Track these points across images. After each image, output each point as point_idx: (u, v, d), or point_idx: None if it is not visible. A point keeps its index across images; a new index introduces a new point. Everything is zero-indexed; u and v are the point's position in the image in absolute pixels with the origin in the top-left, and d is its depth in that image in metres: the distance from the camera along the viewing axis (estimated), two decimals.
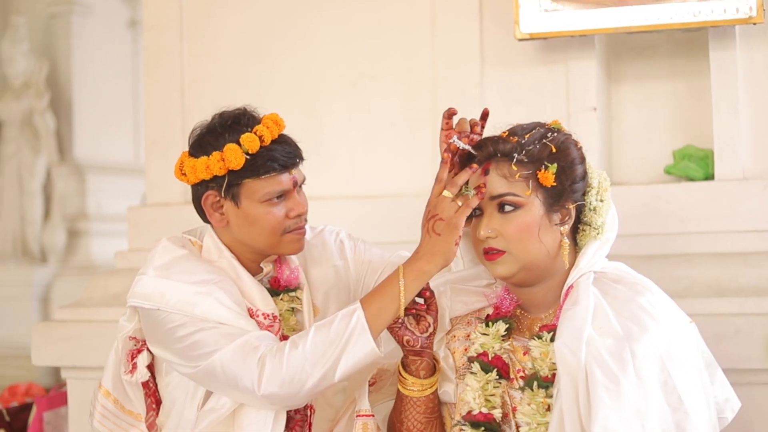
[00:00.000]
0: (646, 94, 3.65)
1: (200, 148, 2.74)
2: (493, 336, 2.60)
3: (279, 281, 2.86)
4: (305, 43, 3.98)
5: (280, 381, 2.55)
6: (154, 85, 4.15)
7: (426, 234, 2.53)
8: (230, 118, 2.75)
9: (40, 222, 9.88)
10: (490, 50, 3.73)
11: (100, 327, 3.81)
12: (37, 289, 9.52)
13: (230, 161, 2.68)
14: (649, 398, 2.34)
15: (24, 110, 9.76)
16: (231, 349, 2.59)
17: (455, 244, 2.52)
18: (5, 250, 9.83)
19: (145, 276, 2.74)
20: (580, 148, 2.60)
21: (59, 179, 9.86)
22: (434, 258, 2.53)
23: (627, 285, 2.53)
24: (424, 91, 3.81)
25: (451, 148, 2.57)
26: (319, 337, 2.55)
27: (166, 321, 2.67)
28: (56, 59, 10.03)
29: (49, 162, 9.84)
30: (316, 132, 3.93)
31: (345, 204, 3.85)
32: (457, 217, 2.51)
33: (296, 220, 2.76)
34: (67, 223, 9.89)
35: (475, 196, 2.51)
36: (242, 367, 2.57)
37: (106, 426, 2.90)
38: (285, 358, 2.55)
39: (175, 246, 2.79)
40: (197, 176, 2.73)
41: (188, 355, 2.65)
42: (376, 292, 2.57)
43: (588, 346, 2.38)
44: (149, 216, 4.06)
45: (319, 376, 2.54)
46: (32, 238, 9.81)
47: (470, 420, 2.55)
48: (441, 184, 2.54)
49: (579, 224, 2.59)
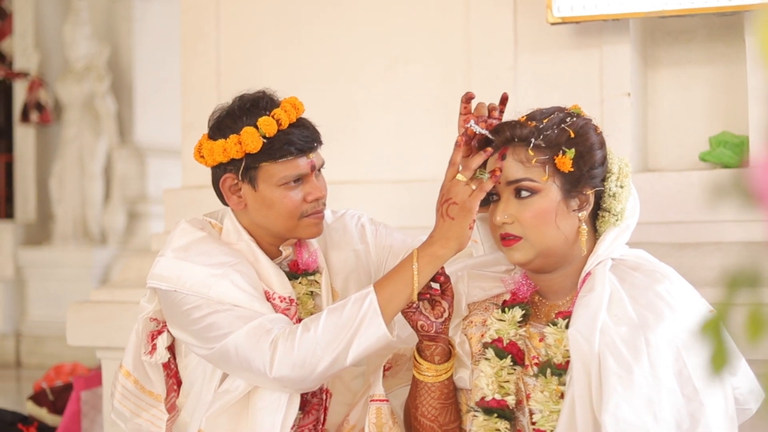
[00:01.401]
0: (682, 79, 3.60)
1: (218, 130, 2.74)
2: (509, 322, 2.58)
3: (298, 265, 2.86)
4: (340, 26, 3.98)
5: (291, 364, 2.55)
6: (190, 68, 4.17)
7: (440, 218, 2.51)
8: (249, 101, 2.75)
9: (101, 204, 10.00)
10: (523, 35, 3.70)
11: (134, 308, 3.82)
12: (96, 271, 9.63)
13: (247, 144, 2.68)
14: (662, 388, 2.30)
15: (85, 93, 9.87)
16: (244, 332, 2.59)
17: (469, 229, 2.50)
18: (66, 232, 9.96)
19: (163, 258, 2.75)
20: (600, 133, 2.56)
21: (119, 161, 9.96)
22: (448, 242, 2.50)
23: (645, 273, 2.49)
24: (457, 76, 3.78)
25: (468, 133, 2.55)
26: (332, 321, 2.54)
27: (183, 302, 2.69)
28: (117, 42, 10.13)
29: (110, 144, 9.94)
30: (350, 116, 3.93)
31: (378, 188, 3.84)
32: (470, 201, 2.48)
33: (314, 204, 2.75)
34: (127, 205, 9.99)
35: (490, 180, 2.48)
36: (255, 350, 2.57)
37: (126, 406, 2.92)
38: (297, 341, 2.54)
39: (194, 228, 2.79)
40: (215, 159, 2.73)
41: (204, 337, 2.66)
42: (390, 276, 2.56)
43: (602, 334, 2.35)
44: (185, 198, 4.08)
45: (330, 360, 2.54)
46: (92, 220, 9.92)
47: (483, 406, 2.53)
48: (454, 168, 2.51)
49: (599, 210, 2.55)
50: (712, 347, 0.98)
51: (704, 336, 0.98)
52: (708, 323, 0.97)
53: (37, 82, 10.07)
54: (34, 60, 10.17)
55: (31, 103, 10.05)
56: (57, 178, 10.01)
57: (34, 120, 10.08)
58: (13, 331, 9.95)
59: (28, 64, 10.22)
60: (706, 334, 0.98)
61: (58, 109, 10.17)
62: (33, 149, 10.28)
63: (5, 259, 10.07)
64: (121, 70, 10.07)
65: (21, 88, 10.28)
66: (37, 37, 10.29)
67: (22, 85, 10.26)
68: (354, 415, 2.80)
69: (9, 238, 10.06)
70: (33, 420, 4.79)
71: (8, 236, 10.07)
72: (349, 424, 2.80)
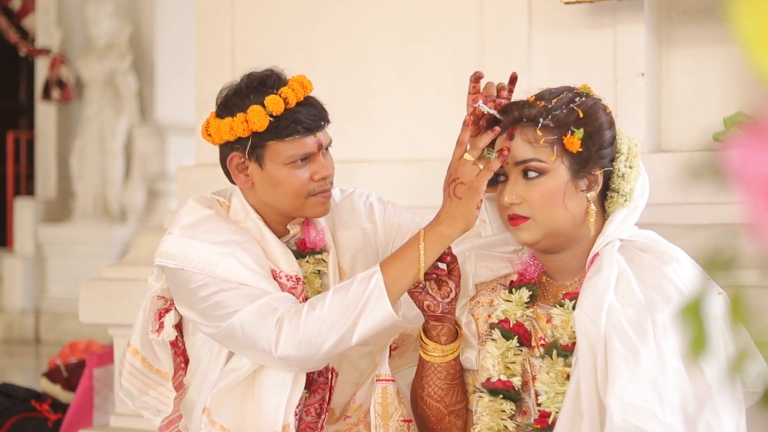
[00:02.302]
0: (697, 59, 3.57)
1: (226, 109, 2.73)
2: (516, 303, 2.56)
3: (305, 243, 2.85)
4: (355, 4, 3.96)
5: (297, 343, 2.54)
6: (205, 46, 4.16)
7: (447, 198, 2.49)
8: (257, 79, 2.73)
9: (121, 182, 10.02)
10: (537, 14, 3.67)
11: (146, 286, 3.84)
12: (116, 248, 9.66)
13: (254, 123, 2.66)
14: (668, 370, 2.28)
15: (107, 71, 9.89)
16: (250, 310, 2.59)
17: (477, 208, 2.48)
18: (86, 209, 9.99)
19: (170, 236, 2.75)
20: (610, 113, 2.54)
21: (140, 139, 9.98)
22: (455, 222, 2.48)
23: (654, 254, 2.47)
24: (471, 56, 3.76)
25: (476, 113, 2.53)
26: (337, 300, 2.53)
27: (190, 281, 2.68)
28: (139, 20, 10.14)
29: (131, 122, 9.96)
30: (363, 95, 3.91)
31: (391, 167, 3.83)
32: (478, 181, 2.46)
33: (321, 183, 2.73)
34: (147, 183, 10.01)
35: (497, 159, 2.45)
36: (260, 329, 2.57)
37: (134, 384, 2.93)
38: (302, 320, 2.53)
39: (202, 206, 2.79)
40: (222, 137, 2.72)
41: (210, 315, 2.65)
42: (396, 256, 2.55)
43: (609, 315, 2.33)
44: (198, 175, 4.08)
45: (336, 339, 2.52)
46: (112, 198, 9.95)
47: (489, 387, 2.52)
48: (462, 147, 2.49)
49: (607, 191, 2.52)
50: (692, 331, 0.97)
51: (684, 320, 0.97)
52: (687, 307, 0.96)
53: (59, 59, 10.09)
54: (56, 37, 10.19)
55: (53, 81, 10.07)
56: (78, 155, 10.03)
57: (55, 97, 10.10)
58: (33, 308, 10.00)
59: (50, 41, 10.24)
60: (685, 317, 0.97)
61: (80, 86, 10.20)
62: (54, 126, 10.31)
63: (26, 236, 10.11)
64: (142, 48, 10.08)
65: (43, 65, 10.31)
66: (60, 14, 10.31)
67: (44, 62, 10.29)
68: (360, 395, 2.80)
69: (29, 215, 10.10)
70: (46, 397, 4.81)
71: (29, 213, 10.12)
72: (356, 404, 2.80)
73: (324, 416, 2.79)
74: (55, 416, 4.55)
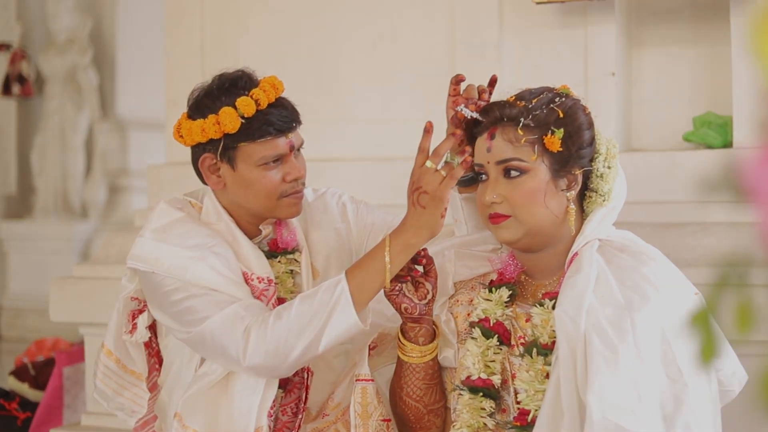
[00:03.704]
0: (666, 59, 3.61)
1: (197, 110, 2.74)
2: (496, 302, 2.58)
3: (277, 243, 2.86)
4: (325, 3, 3.97)
5: (264, 352, 2.56)
6: (174, 43, 4.16)
7: (411, 206, 2.50)
8: (228, 80, 2.74)
9: (82, 177, 9.95)
10: (508, 13, 3.70)
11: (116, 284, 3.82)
12: (77, 244, 9.60)
13: (225, 125, 2.68)
14: (647, 369, 2.32)
15: (68, 66, 9.81)
16: (219, 318, 2.61)
17: (441, 217, 2.49)
18: (47, 205, 9.92)
19: (142, 238, 2.76)
20: (589, 113, 2.57)
21: (101, 135, 9.92)
22: (420, 231, 2.50)
23: (631, 254, 2.50)
24: (442, 54, 3.78)
25: (458, 116, 2.55)
26: (303, 309, 2.55)
27: (162, 285, 2.70)
28: (100, 15, 10.07)
29: (92, 118, 9.90)
30: (334, 93, 3.93)
31: (362, 166, 3.84)
32: (441, 190, 2.46)
33: (293, 184, 2.75)
34: (108, 179, 9.95)
35: (460, 166, 2.47)
36: (229, 337, 2.59)
37: (108, 385, 2.94)
38: (269, 329, 2.56)
39: (173, 209, 2.80)
40: (194, 139, 2.73)
41: (181, 320, 2.67)
42: (362, 264, 2.57)
43: (588, 315, 2.36)
44: (169, 174, 4.08)
45: (302, 348, 2.55)
46: (73, 194, 9.89)
47: (469, 385, 2.54)
48: (423, 154, 2.49)
49: (586, 191, 2.55)
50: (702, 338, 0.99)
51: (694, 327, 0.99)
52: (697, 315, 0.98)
53: (19, 54, 10.01)
54: (16, 32, 10.11)
55: (13, 76, 9.99)
56: (38, 151, 9.96)
57: (16, 92, 10.02)
58: None
59: (10, 36, 10.16)
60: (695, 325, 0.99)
61: (40, 81, 10.12)
62: (14, 122, 10.22)
63: None
64: (103, 43, 10.02)
65: (3, 60, 10.22)
66: (20, 9, 10.23)
67: (4, 57, 10.20)
68: (339, 394, 2.81)
69: None
70: (15, 395, 4.78)
71: None
72: (334, 402, 2.82)
73: (301, 415, 2.80)
74: (24, 415, 4.53)
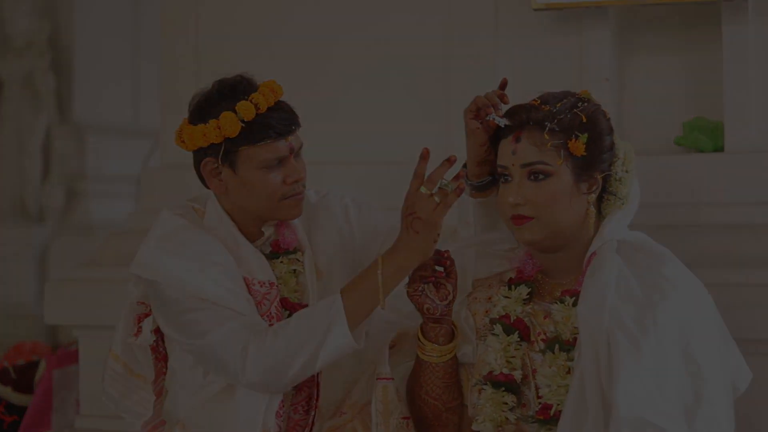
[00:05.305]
0: (657, 65, 3.67)
1: (198, 115, 2.79)
2: (515, 299, 2.65)
3: (279, 244, 2.91)
4: (322, 6, 4.00)
5: (262, 370, 2.64)
6: (170, 45, 4.16)
7: (404, 229, 2.59)
8: (227, 85, 2.79)
9: (39, 182, 9.87)
10: (504, 19, 3.74)
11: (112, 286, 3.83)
12: (34, 249, 9.53)
13: (226, 129, 2.73)
14: (668, 364, 2.40)
15: (25, 70, 9.73)
16: (218, 335, 2.68)
17: (434, 242, 2.58)
18: (3, 210, 9.82)
19: (146, 246, 2.82)
20: (609, 119, 2.66)
21: (58, 139, 9.84)
22: (412, 254, 2.60)
23: (648, 254, 2.59)
24: (438, 58, 3.82)
25: (490, 125, 2.61)
26: (300, 328, 2.64)
27: (163, 294, 2.76)
28: (58, 19, 10.00)
29: (49, 122, 9.82)
30: (330, 97, 3.95)
31: (359, 169, 3.87)
32: (434, 216, 2.55)
33: (294, 186, 2.80)
34: (66, 183, 9.87)
35: (453, 193, 2.54)
36: (227, 354, 2.66)
37: (116, 389, 2.98)
38: (267, 347, 2.64)
39: (174, 216, 2.85)
40: (195, 144, 2.79)
41: (182, 332, 2.75)
42: (356, 284, 2.66)
43: (610, 312, 2.44)
44: (163, 177, 4.09)
45: (299, 366, 2.64)
46: (30, 198, 9.80)
47: (491, 380, 2.61)
48: (419, 180, 2.58)
49: (604, 194, 2.63)
50: None
51: None
52: None
53: None
54: None
55: None
56: None
57: None
58: None
59: None
60: None
61: None
62: None
63: None
64: (61, 46, 9.95)
65: None
66: None
67: None
68: (357, 392, 2.85)
69: None
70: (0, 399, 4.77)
71: None
72: (351, 400, 2.85)
73: (313, 413, 2.84)
74: (10, 418, 4.52)
